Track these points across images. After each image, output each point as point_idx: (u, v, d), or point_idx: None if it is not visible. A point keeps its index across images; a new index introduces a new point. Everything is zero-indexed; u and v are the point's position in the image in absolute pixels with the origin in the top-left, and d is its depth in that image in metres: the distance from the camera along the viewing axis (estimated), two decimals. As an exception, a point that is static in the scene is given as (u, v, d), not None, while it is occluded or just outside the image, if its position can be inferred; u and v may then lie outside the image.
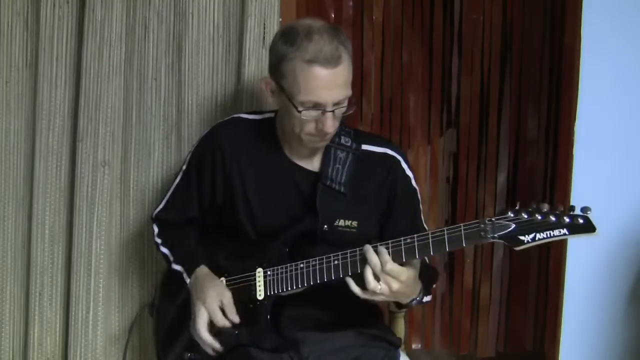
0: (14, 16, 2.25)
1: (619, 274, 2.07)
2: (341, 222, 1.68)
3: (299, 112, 1.57)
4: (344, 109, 1.60)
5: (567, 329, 2.09)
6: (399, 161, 1.74)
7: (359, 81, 2.97)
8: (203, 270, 1.72)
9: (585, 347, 2.11)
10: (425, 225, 1.79)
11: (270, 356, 1.65)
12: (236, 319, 1.65)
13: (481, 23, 2.91)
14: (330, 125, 1.58)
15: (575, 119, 2.03)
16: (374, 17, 2.97)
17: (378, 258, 1.50)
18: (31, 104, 2.26)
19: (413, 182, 1.76)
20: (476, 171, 2.98)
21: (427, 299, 1.68)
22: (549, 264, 2.85)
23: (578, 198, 2.02)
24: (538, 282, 2.93)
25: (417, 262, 1.57)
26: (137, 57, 2.18)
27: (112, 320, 2.24)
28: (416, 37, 2.98)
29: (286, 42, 1.58)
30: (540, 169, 2.93)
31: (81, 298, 2.19)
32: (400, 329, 1.94)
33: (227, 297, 1.67)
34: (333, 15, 2.96)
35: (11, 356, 2.32)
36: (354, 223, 1.68)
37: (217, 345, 1.66)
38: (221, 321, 1.65)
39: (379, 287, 1.50)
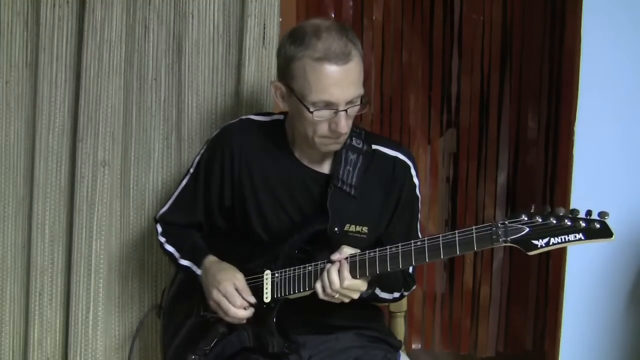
0: (14, 16, 2.25)
1: (619, 274, 2.07)
2: (352, 228, 1.65)
3: (311, 112, 1.53)
4: (356, 108, 1.56)
5: (567, 329, 2.09)
6: (408, 166, 1.71)
7: (359, 81, 2.97)
8: (211, 258, 1.70)
9: (585, 347, 2.11)
10: (419, 235, 1.75)
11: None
12: (252, 299, 1.64)
13: (481, 23, 2.91)
14: (344, 125, 1.54)
15: (575, 119, 2.03)
16: (374, 17, 2.97)
17: (337, 276, 1.51)
18: (31, 104, 2.26)
19: (417, 190, 1.73)
20: (476, 171, 2.98)
21: (384, 295, 1.67)
22: (549, 264, 2.85)
23: (578, 198, 2.03)
24: (538, 282, 2.93)
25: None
26: (137, 57, 2.18)
27: (112, 320, 2.24)
28: (416, 37, 2.98)
29: (294, 42, 1.54)
30: (540, 169, 2.93)
31: (81, 298, 2.19)
32: (400, 329, 1.94)
33: (240, 279, 1.65)
34: (333, 15, 2.97)
35: (11, 356, 2.32)
36: (364, 229, 1.66)
37: (248, 313, 1.64)
38: (239, 301, 1.63)
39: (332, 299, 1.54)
